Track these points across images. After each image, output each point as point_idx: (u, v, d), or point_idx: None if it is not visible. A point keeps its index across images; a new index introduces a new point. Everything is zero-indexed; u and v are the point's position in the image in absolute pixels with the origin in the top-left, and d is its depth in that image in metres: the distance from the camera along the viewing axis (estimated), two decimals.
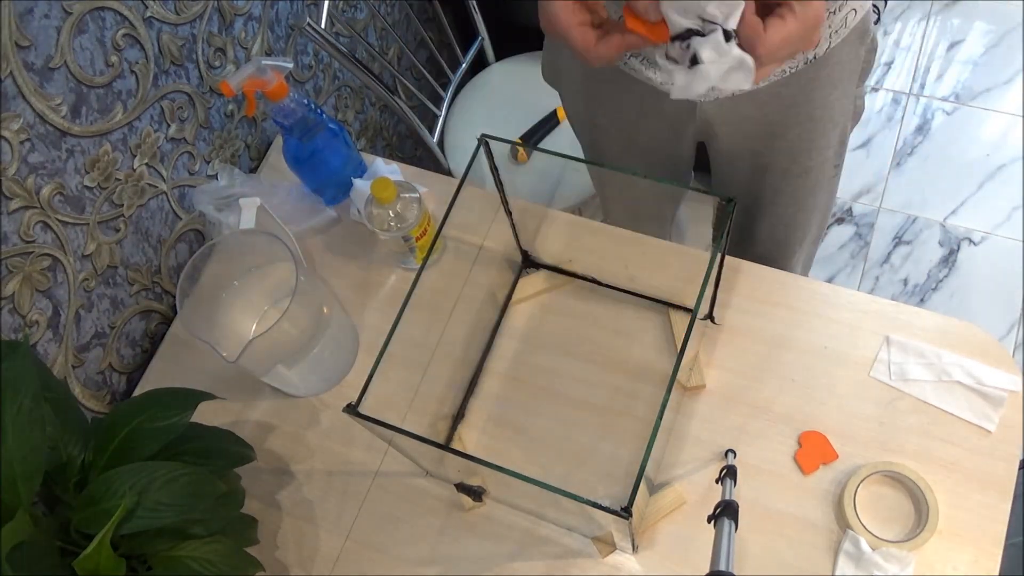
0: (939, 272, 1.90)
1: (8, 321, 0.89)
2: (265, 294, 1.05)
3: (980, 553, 0.87)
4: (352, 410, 0.76)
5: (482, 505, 0.96)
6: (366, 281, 1.12)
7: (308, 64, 1.35)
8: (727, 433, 0.95)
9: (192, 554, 0.79)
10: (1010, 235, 1.91)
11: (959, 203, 1.96)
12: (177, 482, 0.76)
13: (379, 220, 1.02)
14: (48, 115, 0.88)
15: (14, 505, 0.71)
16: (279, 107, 1.01)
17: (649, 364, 1.01)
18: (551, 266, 1.07)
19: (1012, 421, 0.92)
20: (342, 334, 1.05)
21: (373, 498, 0.99)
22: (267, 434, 1.04)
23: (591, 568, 0.92)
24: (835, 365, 0.97)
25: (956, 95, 2.09)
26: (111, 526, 0.70)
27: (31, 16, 0.83)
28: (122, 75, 0.97)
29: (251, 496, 0.96)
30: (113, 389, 1.08)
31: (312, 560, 0.97)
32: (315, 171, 1.11)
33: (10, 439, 0.71)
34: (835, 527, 0.90)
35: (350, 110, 1.52)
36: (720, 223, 0.79)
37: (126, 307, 1.07)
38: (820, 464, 0.93)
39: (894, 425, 0.93)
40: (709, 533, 0.73)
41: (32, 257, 0.90)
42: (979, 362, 0.94)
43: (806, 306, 1.01)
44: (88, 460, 0.80)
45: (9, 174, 0.85)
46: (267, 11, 1.21)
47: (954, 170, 2.00)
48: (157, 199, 1.08)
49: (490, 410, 1.01)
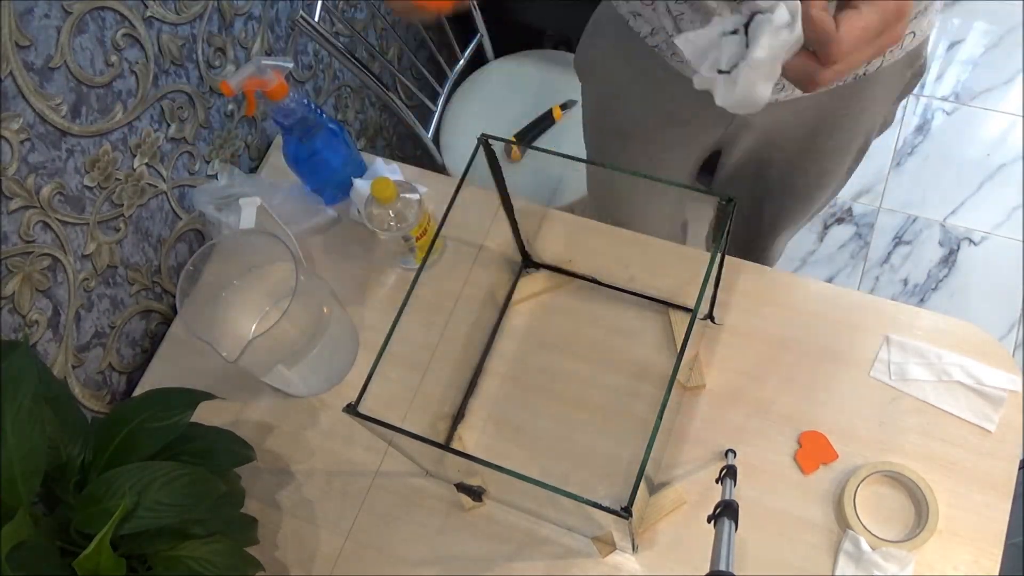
0: (939, 272, 1.90)
1: (8, 321, 0.89)
2: (265, 294, 1.05)
3: (980, 553, 0.87)
4: (352, 410, 0.76)
5: (482, 505, 0.96)
6: (366, 281, 1.12)
7: (308, 64, 1.35)
8: (727, 433, 0.95)
9: (192, 554, 0.79)
10: (1010, 235, 1.91)
11: (959, 203, 1.96)
12: (177, 482, 0.76)
13: (379, 220, 1.02)
14: (48, 115, 0.88)
15: (14, 505, 0.71)
16: (279, 107, 1.01)
17: (649, 364, 1.01)
18: (551, 266, 1.07)
19: (1012, 421, 0.92)
20: (342, 334, 1.05)
21: (373, 498, 0.99)
22: (267, 434, 1.04)
23: (591, 568, 0.92)
24: (835, 365, 0.97)
25: (956, 95, 2.09)
26: (111, 526, 0.70)
27: (31, 16, 0.83)
28: (122, 75, 0.97)
29: (251, 496, 0.96)
30: (113, 389, 1.08)
31: (312, 560, 0.97)
32: (315, 171, 1.11)
33: (10, 439, 0.71)
34: (835, 527, 0.90)
35: (350, 110, 1.52)
36: (720, 223, 0.78)
37: (126, 307, 1.07)
38: (820, 464, 0.93)
39: (894, 425, 0.93)
40: (709, 533, 0.73)
41: (32, 257, 0.90)
42: (979, 362, 0.94)
43: (806, 306, 1.01)
44: (88, 460, 0.80)
45: (9, 174, 0.85)
46: (267, 11, 1.21)
47: (954, 170, 2.00)
48: (157, 199, 1.08)
49: (490, 410, 1.01)
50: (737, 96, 0.53)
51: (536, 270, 1.07)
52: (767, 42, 0.50)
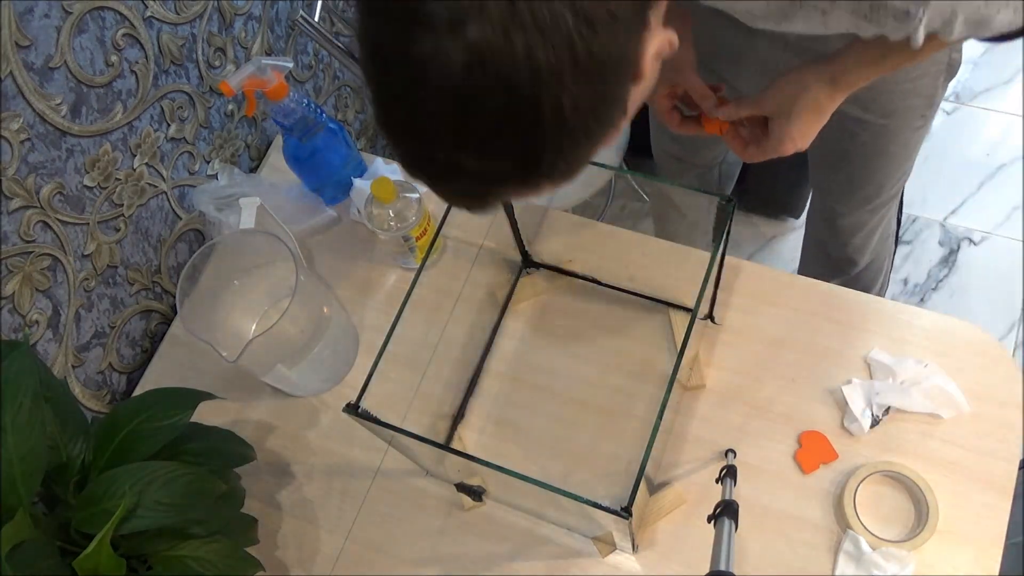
0: (939, 272, 1.89)
1: (8, 321, 0.89)
2: (265, 294, 1.05)
3: (980, 553, 0.87)
4: (352, 410, 0.76)
5: (482, 505, 0.96)
6: (366, 281, 1.12)
7: (308, 64, 1.35)
8: (727, 433, 0.95)
9: (192, 554, 0.79)
10: (1010, 235, 1.91)
11: (959, 203, 1.96)
12: (177, 482, 0.76)
13: (379, 220, 1.02)
14: (48, 115, 0.88)
15: (14, 505, 0.71)
16: (279, 107, 1.01)
17: (649, 364, 1.01)
18: (551, 266, 1.07)
19: (1012, 421, 0.92)
20: (342, 334, 1.05)
21: (373, 498, 0.99)
22: (267, 434, 1.04)
23: (591, 568, 0.92)
24: (835, 365, 0.97)
25: (956, 95, 2.09)
26: (111, 526, 0.70)
27: (31, 16, 0.83)
28: (122, 75, 0.97)
29: (251, 496, 0.96)
30: (113, 389, 1.08)
31: (312, 560, 0.97)
32: (315, 171, 1.11)
33: (10, 439, 0.71)
34: (835, 527, 0.90)
35: (350, 110, 1.52)
36: (720, 223, 0.79)
37: (126, 307, 1.07)
38: (820, 464, 0.93)
39: (894, 425, 0.93)
40: (709, 533, 0.73)
41: (32, 257, 0.90)
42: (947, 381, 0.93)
43: (806, 306, 1.01)
44: (88, 460, 0.80)
45: (9, 174, 0.85)
46: (267, 11, 1.20)
47: (954, 170, 2.00)
48: (157, 199, 1.08)
49: (490, 410, 1.01)
50: None
51: (536, 270, 1.07)
52: None
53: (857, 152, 1.09)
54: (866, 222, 1.25)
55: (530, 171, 0.49)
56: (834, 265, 1.37)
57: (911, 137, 1.07)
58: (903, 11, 0.61)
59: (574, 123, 0.47)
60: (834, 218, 1.27)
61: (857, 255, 1.33)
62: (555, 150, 0.48)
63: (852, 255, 1.33)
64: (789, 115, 0.79)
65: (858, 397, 0.93)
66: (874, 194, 1.18)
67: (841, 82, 0.78)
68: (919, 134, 1.07)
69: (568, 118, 0.46)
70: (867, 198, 1.19)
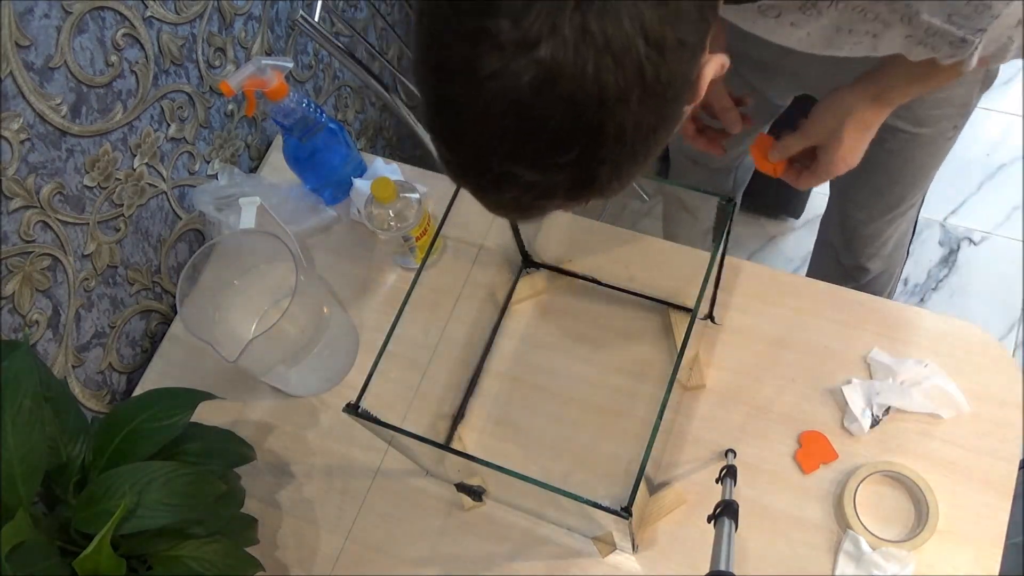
0: (939, 272, 1.89)
1: (8, 321, 0.89)
2: (265, 294, 1.05)
3: (980, 553, 0.87)
4: (352, 410, 0.76)
5: (482, 505, 0.96)
6: (366, 281, 1.12)
7: (308, 64, 1.35)
8: (727, 433, 0.95)
9: (192, 554, 0.79)
10: (1010, 235, 1.91)
11: (959, 203, 1.96)
12: (177, 482, 0.76)
13: (379, 220, 1.02)
14: (48, 115, 0.88)
15: (14, 505, 0.71)
16: (279, 107, 1.01)
17: (649, 364, 1.01)
18: (551, 266, 1.07)
19: (1012, 421, 0.92)
20: (342, 334, 1.05)
21: (373, 498, 0.99)
22: (267, 434, 1.04)
23: (591, 568, 0.92)
24: (835, 365, 0.97)
25: None
26: (111, 526, 0.70)
27: (31, 16, 0.83)
28: (122, 75, 0.97)
29: (251, 496, 0.96)
30: (113, 389, 1.08)
31: (312, 560, 0.97)
32: (315, 171, 1.11)
33: (10, 439, 0.71)
34: (835, 527, 0.90)
35: (350, 110, 1.52)
36: (720, 223, 0.79)
37: (126, 307, 1.07)
38: (820, 464, 0.93)
39: (894, 425, 0.93)
40: (709, 533, 0.73)
41: (32, 257, 0.90)
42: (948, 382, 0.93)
43: (806, 306, 1.01)
44: (88, 460, 0.80)
45: (9, 174, 0.85)
46: (267, 11, 1.20)
47: (954, 170, 2.00)
48: (157, 199, 1.08)
49: (490, 410, 1.01)
50: None
51: (536, 270, 1.07)
52: None
53: (885, 160, 1.08)
54: (883, 231, 1.24)
55: (584, 186, 0.50)
56: (845, 272, 1.35)
57: (942, 147, 1.06)
58: (960, 38, 0.60)
59: (634, 143, 0.48)
60: (852, 226, 1.25)
61: (870, 263, 1.31)
62: (612, 167, 0.49)
63: (865, 263, 1.31)
64: (840, 139, 0.79)
65: (858, 397, 0.93)
66: (896, 203, 1.17)
67: (885, 100, 0.77)
68: (949, 144, 1.07)
69: (629, 138, 0.47)
70: (889, 207, 1.18)
